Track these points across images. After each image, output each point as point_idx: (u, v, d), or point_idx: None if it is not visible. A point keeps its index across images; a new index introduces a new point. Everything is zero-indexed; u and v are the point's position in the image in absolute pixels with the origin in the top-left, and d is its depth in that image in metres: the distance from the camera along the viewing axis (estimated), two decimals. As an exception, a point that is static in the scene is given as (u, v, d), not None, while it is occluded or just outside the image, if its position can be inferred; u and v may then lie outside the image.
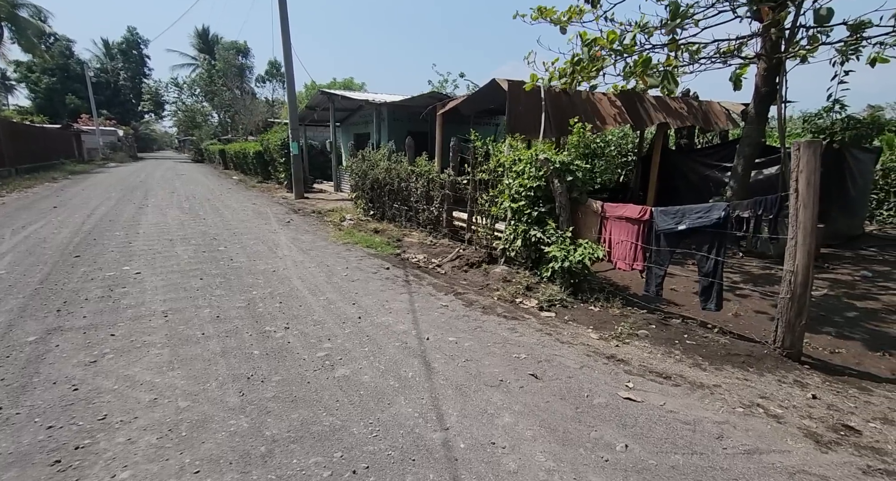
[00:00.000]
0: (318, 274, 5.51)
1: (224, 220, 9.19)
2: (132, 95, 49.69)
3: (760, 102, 6.96)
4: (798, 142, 3.19)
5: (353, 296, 4.68)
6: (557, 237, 5.14)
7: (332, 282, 5.17)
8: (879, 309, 4.70)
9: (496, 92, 7.57)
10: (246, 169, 22.65)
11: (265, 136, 18.61)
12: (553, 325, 4.17)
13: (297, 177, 14.19)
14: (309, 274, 5.49)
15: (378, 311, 4.27)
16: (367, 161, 10.04)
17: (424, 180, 8.17)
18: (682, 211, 4.07)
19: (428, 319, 4.15)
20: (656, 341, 3.79)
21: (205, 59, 45.36)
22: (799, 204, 3.21)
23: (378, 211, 9.94)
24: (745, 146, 7.14)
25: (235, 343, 3.45)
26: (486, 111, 11.63)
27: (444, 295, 5.00)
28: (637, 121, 8.23)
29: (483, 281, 5.73)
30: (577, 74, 6.43)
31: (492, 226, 6.92)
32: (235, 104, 29.74)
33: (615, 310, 4.50)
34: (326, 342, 3.53)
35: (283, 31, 12.86)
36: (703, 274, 3.95)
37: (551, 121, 6.96)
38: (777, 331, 3.44)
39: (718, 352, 3.53)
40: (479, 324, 4.10)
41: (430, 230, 8.29)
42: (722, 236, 3.81)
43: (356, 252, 6.95)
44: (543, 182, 5.32)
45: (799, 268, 3.25)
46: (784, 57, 6.45)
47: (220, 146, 29.75)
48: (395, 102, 11.10)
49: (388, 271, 5.88)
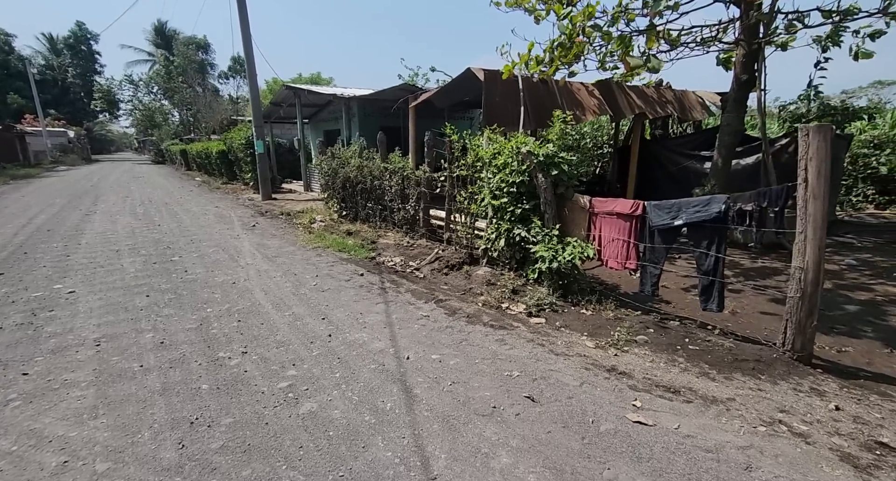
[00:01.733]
0: (285, 284, 4.98)
1: (182, 226, 8.46)
2: (83, 93, 46.68)
3: (740, 89, 6.79)
4: (807, 128, 2.91)
5: (323, 310, 4.20)
6: (543, 235, 4.79)
7: (299, 294, 4.66)
8: (873, 299, 4.57)
9: (471, 82, 7.15)
10: (210, 170, 21.50)
11: (228, 135, 17.61)
12: (545, 334, 3.82)
13: (263, 178, 13.42)
14: (274, 285, 4.96)
15: (351, 326, 3.81)
16: (337, 158, 9.46)
17: (398, 178, 7.69)
18: (679, 204, 3.78)
19: (407, 333, 3.72)
20: (657, 347, 3.48)
21: (162, 55, 43.03)
22: (808, 195, 2.94)
23: (351, 211, 9.39)
24: (726, 135, 6.98)
25: (180, 375, 2.93)
26: (461, 104, 11.21)
27: (425, 303, 4.58)
28: (616, 111, 7.99)
29: (465, 284, 5.33)
30: (556, 61, 6.09)
31: (472, 224, 6.53)
32: (197, 102, 28.25)
33: (609, 313, 4.18)
34: (291, 368, 3.05)
35: (241, 20, 12.03)
36: (703, 272, 3.67)
37: (530, 112, 6.60)
38: (786, 333, 3.18)
39: (725, 358, 3.25)
40: (464, 337, 3.70)
41: (407, 230, 7.83)
42: (722, 231, 3.53)
43: (327, 257, 6.43)
44: (527, 177, 4.95)
45: (809, 264, 2.98)
46: (763, 42, 6.30)
47: (181, 146, 28.24)
48: (364, 96, 10.54)
49: (363, 278, 5.41)
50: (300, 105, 14.30)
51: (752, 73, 6.56)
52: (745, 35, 6.20)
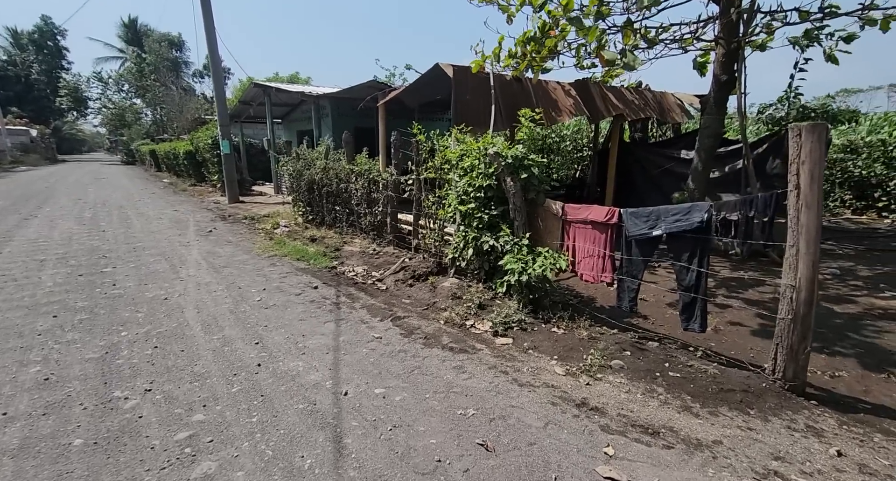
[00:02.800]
0: (224, 300, 4.44)
1: (129, 232, 7.78)
2: (49, 91, 44.65)
3: (720, 90, 6.52)
4: (798, 127, 2.56)
5: (259, 332, 3.68)
6: (512, 245, 4.38)
7: (238, 312, 4.13)
8: (861, 313, 4.28)
9: (441, 79, 6.72)
10: (178, 171, 20.59)
11: (195, 135, 16.81)
12: (510, 358, 3.39)
13: (229, 179, 12.74)
14: (211, 300, 4.41)
15: (287, 353, 3.30)
16: (303, 159, 8.91)
17: (365, 180, 7.20)
18: (657, 212, 3.40)
19: (353, 360, 3.24)
20: (634, 374, 3.09)
21: (133, 52, 41.49)
22: (800, 203, 2.58)
23: (317, 216, 8.84)
24: (706, 137, 6.69)
25: (52, 426, 2.38)
26: (436, 104, 10.77)
27: (380, 321, 4.10)
28: (593, 112, 7.67)
29: (429, 298, 4.88)
30: (528, 55, 5.71)
31: (440, 230, 6.09)
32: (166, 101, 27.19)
33: (582, 332, 3.78)
34: (199, 411, 2.53)
35: (204, 12, 11.37)
36: (684, 288, 3.29)
37: (502, 112, 6.20)
38: (776, 360, 2.82)
39: (709, 388, 2.86)
40: (418, 364, 3.23)
41: (374, 237, 7.34)
42: (705, 242, 3.16)
43: (282, 267, 5.90)
44: (494, 180, 4.53)
45: (802, 282, 2.62)
46: (742, 42, 6.05)
47: (150, 146, 27.10)
48: (332, 94, 10.01)
49: (316, 291, 4.90)
50: (270, 104, 13.66)
51: (732, 74, 6.30)
52: (725, 33, 5.94)
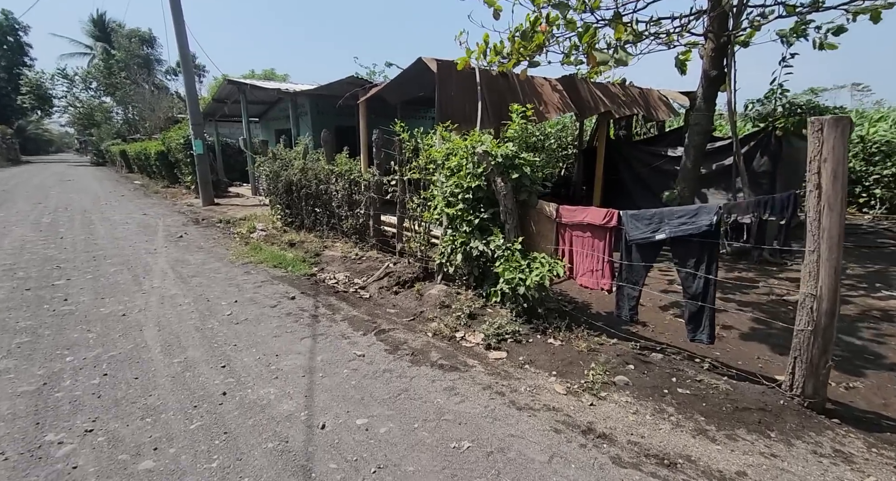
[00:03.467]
0: (190, 315, 4.04)
1: (90, 239, 7.23)
2: (10, 89, 42.49)
3: (709, 86, 6.37)
4: (820, 120, 2.34)
5: (227, 352, 3.31)
6: (504, 250, 4.10)
7: (205, 329, 3.74)
8: (860, 315, 4.15)
9: (424, 75, 6.40)
10: (150, 172, 19.72)
11: (167, 134, 16.08)
12: (505, 375, 3.10)
13: (203, 181, 12.16)
14: (175, 316, 4.00)
15: (258, 377, 2.95)
16: (280, 160, 8.47)
17: (345, 181, 6.83)
18: (660, 214, 3.16)
19: (332, 383, 2.90)
20: (640, 392, 2.84)
21: (102, 49, 39.83)
22: (822, 205, 2.37)
23: (296, 218, 8.42)
24: (695, 134, 6.53)
25: (-32, 483, 2.00)
26: (417, 101, 10.43)
27: (363, 335, 3.77)
28: (581, 108, 7.46)
29: (416, 307, 4.57)
30: (515, 52, 5.44)
31: (426, 233, 5.78)
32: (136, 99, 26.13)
33: (580, 343, 3.52)
34: (148, 457, 2.17)
35: (172, 4, 10.76)
36: (691, 296, 3.06)
37: (489, 108, 5.92)
38: (794, 374, 2.60)
39: (723, 407, 2.63)
40: (405, 385, 2.92)
41: (357, 240, 6.97)
42: (713, 248, 2.93)
43: (258, 275, 5.49)
44: (484, 181, 4.24)
45: (824, 291, 2.41)
46: (732, 36, 5.92)
47: (121, 146, 25.97)
48: (309, 91, 9.58)
49: (293, 302, 4.53)
50: (246, 102, 13.07)
51: (722, 69, 6.16)
52: (715, 27, 5.79)
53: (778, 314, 4.22)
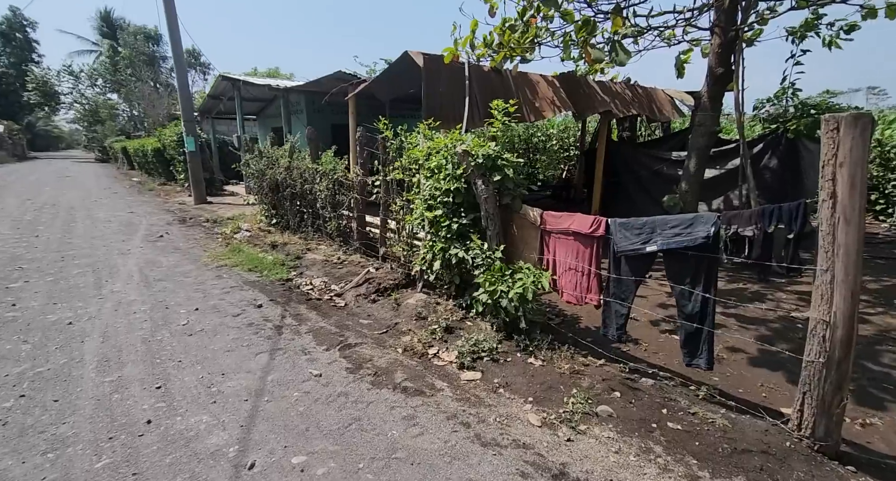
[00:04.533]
0: (142, 324, 3.74)
1: (65, 238, 6.98)
2: (18, 85, 42.76)
3: (715, 84, 5.99)
4: (836, 118, 1.98)
5: (169, 370, 3.00)
6: (484, 259, 3.76)
7: (152, 341, 3.43)
8: (878, 335, 3.76)
9: (412, 70, 6.08)
10: (149, 169, 19.59)
11: (162, 131, 15.91)
12: (475, 401, 2.77)
13: (196, 179, 11.93)
14: (125, 326, 3.70)
15: (194, 401, 2.63)
16: (266, 158, 8.19)
17: (329, 181, 6.52)
18: (652, 224, 2.81)
19: (277, 410, 2.58)
20: (625, 426, 2.49)
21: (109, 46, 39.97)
22: (837, 217, 2.01)
23: (282, 219, 8.13)
24: (699, 136, 6.15)
25: None
26: (410, 99, 10.09)
27: (326, 350, 3.44)
28: (579, 107, 7.09)
29: (391, 317, 4.24)
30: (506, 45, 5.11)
31: (410, 237, 5.45)
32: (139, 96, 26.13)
33: (563, 364, 3.18)
34: (39, 502, 1.86)
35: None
36: (686, 317, 2.70)
37: (478, 106, 5.58)
38: (802, 412, 2.24)
39: (719, 448, 2.28)
40: (358, 413, 2.59)
41: (341, 243, 6.67)
42: (712, 263, 2.58)
43: (229, 279, 5.20)
44: (463, 183, 3.91)
45: (838, 317, 2.05)
46: (741, 30, 5.54)
47: (123, 143, 25.94)
48: (299, 87, 9.30)
49: (259, 311, 4.22)
50: (240, 98, 12.85)
51: (729, 67, 5.78)
52: (722, 19, 5.42)
53: (784, 334, 3.85)
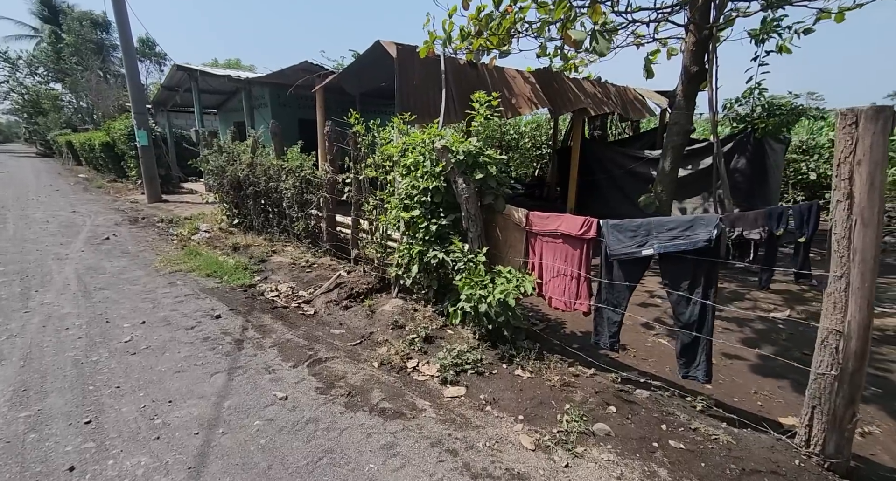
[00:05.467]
0: (75, 343, 3.25)
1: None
2: (-56, 72, 38.95)
3: (689, 83, 5.98)
4: (856, 112, 1.83)
5: (103, 399, 2.56)
6: (466, 262, 3.50)
7: (86, 363, 2.97)
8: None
9: (384, 61, 5.73)
10: (98, 165, 18.18)
11: (111, 124, 14.76)
12: (461, 422, 2.51)
13: (149, 175, 11.08)
14: (54, 345, 3.21)
15: (132, 439, 2.23)
16: (226, 153, 7.62)
17: (296, 179, 6.09)
18: (647, 226, 2.63)
19: (233, 445, 2.22)
20: (625, 446, 2.29)
21: (51, 31, 37.05)
22: (854, 220, 1.87)
23: (245, 219, 7.59)
24: (674, 134, 6.14)
25: None
26: (382, 94, 9.71)
27: (293, 367, 3.09)
28: (555, 103, 6.96)
29: (366, 326, 3.92)
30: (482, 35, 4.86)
31: (384, 238, 5.12)
32: (84, 86, 24.33)
33: (553, 375, 2.97)
34: None
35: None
36: (683, 324, 2.54)
37: (455, 101, 5.32)
38: (811, 427, 2.11)
39: (727, 468, 2.11)
40: (331, 443, 2.28)
41: (310, 244, 6.25)
42: (712, 267, 2.42)
43: (184, 286, 4.71)
44: (443, 182, 3.63)
45: (853, 327, 1.92)
46: (714, 29, 5.55)
47: (67, 137, 24.04)
48: (262, 79, 8.74)
49: (217, 323, 3.80)
50: (198, 90, 12.02)
51: (703, 65, 5.78)
52: (696, 17, 5.40)
53: (767, 336, 3.80)
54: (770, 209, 2.21)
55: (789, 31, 5.45)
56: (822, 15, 4.92)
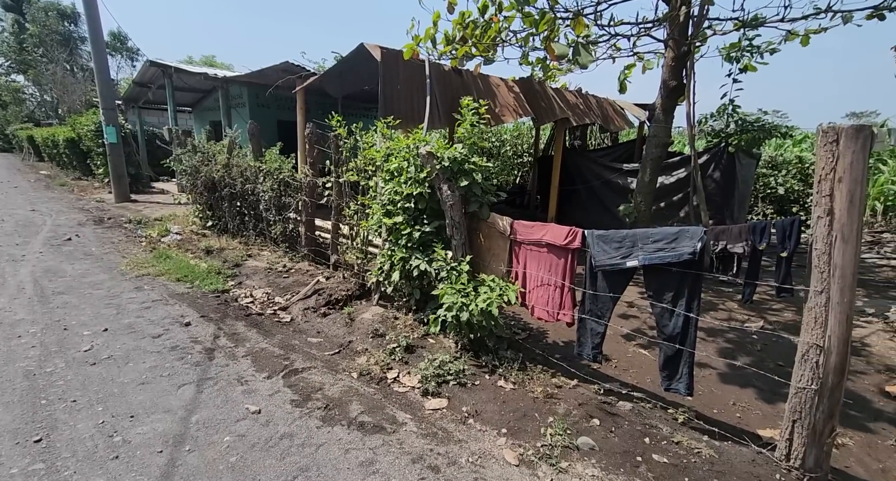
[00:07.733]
0: (28, 351, 3.02)
1: (-60, 241, 5.78)
2: None
3: (668, 97, 6.12)
4: (836, 130, 1.87)
5: (57, 414, 2.37)
6: (449, 270, 3.44)
7: (40, 374, 2.75)
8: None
9: (367, 64, 5.66)
10: (61, 161, 17.33)
11: (76, 119, 14.11)
12: (443, 436, 2.43)
13: (117, 174, 10.60)
14: (5, 354, 2.97)
15: (87, 458, 2.06)
16: (201, 153, 7.35)
17: (274, 181, 5.91)
18: (633, 237, 2.63)
19: (200, 464, 2.08)
20: (609, 460, 2.26)
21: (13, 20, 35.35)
22: (834, 236, 1.91)
23: (220, 221, 7.34)
24: (653, 147, 6.27)
25: None
26: (365, 97, 9.62)
27: (267, 378, 2.95)
28: (538, 113, 7.02)
29: (345, 334, 3.80)
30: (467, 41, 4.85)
31: (365, 243, 5.01)
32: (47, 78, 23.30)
33: (536, 387, 2.93)
34: None
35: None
36: (667, 337, 2.55)
37: (439, 106, 5.28)
38: (792, 441, 2.13)
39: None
40: (306, 460, 2.16)
41: (287, 249, 6.07)
42: (696, 279, 2.43)
43: (152, 291, 4.47)
44: (427, 188, 3.57)
45: (833, 341, 1.95)
46: (692, 45, 5.72)
47: (29, 131, 22.86)
48: (240, 77, 8.51)
49: (187, 330, 3.60)
50: (171, 87, 11.60)
51: (681, 80, 5.94)
52: (677, 33, 5.55)
53: (743, 346, 3.88)
54: (753, 223, 2.24)
55: (757, 50, 5.70)
56: (790, 36, 5.16)
